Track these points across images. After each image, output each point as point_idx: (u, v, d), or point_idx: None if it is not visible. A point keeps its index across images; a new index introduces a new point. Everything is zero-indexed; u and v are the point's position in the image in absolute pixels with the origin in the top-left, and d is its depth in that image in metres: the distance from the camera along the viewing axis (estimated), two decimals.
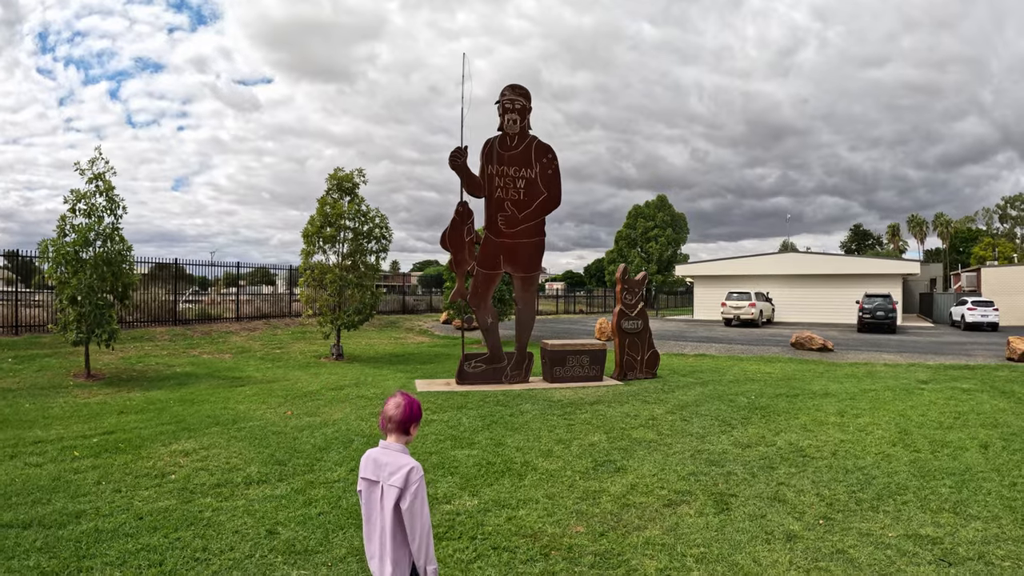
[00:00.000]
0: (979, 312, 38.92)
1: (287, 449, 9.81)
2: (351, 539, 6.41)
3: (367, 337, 29.69)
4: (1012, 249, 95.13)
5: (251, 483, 8.19)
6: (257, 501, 7.49)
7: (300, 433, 10.87)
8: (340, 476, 8.49)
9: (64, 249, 16.45)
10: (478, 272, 16.18)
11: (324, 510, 7.20)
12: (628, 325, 17.81)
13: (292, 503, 7.42)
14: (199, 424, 11.56)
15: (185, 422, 11.73)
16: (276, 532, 6.57)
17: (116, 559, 5.92)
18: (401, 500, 3.68)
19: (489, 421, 11.88)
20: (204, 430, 11.08)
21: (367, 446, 9.85)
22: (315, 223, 22.04)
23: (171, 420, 11.92)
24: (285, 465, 8.97)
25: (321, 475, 8.54)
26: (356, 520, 6.78)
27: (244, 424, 11.57)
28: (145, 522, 6.78)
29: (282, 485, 8.10)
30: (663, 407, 13.45)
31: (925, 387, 16.19)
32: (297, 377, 17.73)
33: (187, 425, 11.48)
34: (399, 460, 3.75)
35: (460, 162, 15.79)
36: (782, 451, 9.94)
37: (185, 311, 29.94)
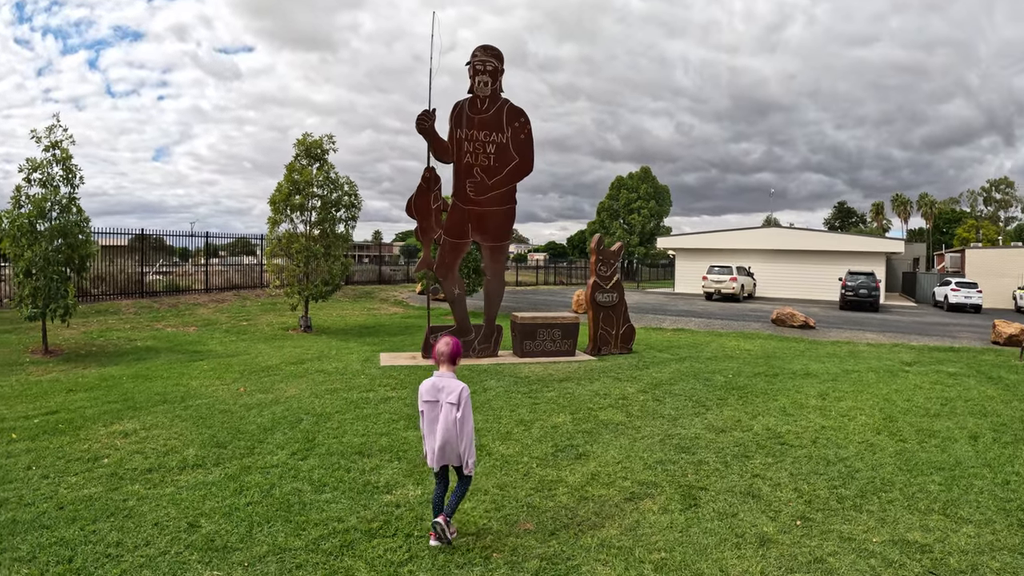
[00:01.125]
0: (963, 293, 38.58)
1: (230, 430, 9.10)
2: (275, 535, 5.77)
3: (339, 308, 28.93)
4: (996, 232, 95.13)
5: (185, 468, 7.50)
6: (186, 488, 6.83)
7: (248, 412, 10.15)
8: (279, 460, 7.78)
9: (19, 220, 15.60)
10: (445, 241, 15.42)
11: (254, 499, 6.54)
12: (603, 298, 17.10)
13: (222, 491, 6.77)
14: (146, 402, 10.82)
15: (132, 400, 10.98)
16: (198, 525, 5.95)
17: (27, 554, 5.37)
18: (456, 412, 5.53)
19: None
20: (150, 409, 10.36)
21: (316, 427, 9.20)
22: (283, 190, 21.13)
23: (119, 398, 11.15)
24: (224, 448, 8.27)
25: (260, 459, 7.83)
26: (284, 513, 6.26)
27: (192, 402, 10.83)
28: (65, 512, 6.20)
29: (216, 470, 7.41)
30: (635, 385, 12.77)
31: (910, 369, 15.67)
32: (260, 351, 16.98)
33: (134, 403, 10.73)
34: (453, 383, 5.63)
35: (427, 125, 15.01)
36: (759, 437, 9.28)
37: (153, 283, 29.07)
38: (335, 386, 12.17)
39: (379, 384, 12.34)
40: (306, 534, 5.80)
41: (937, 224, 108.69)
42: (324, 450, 8.18)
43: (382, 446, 8.40)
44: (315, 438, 8.70)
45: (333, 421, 9.59)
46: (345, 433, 8.96)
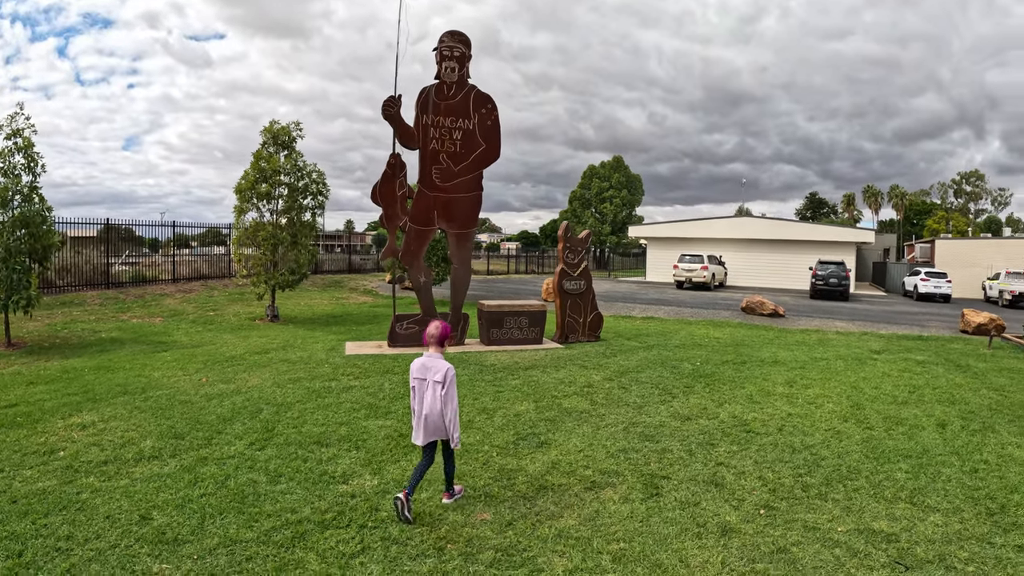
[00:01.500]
0: (932, 283, 38.87)
1: (189, 420, 8.88)
2: (227, 527, 5.60)
3: (308, 297, 28.61)
4: (965, 224, 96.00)
5: (141, 460, 7.30)
6: (140, 480, 6.64)
7: (208, 402, 9.91)
8: (236, 451, 7.58)
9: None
10: (410, 228, 15.20)
11: (208, 491, 6.36)
12: (570, 285, 16.96)
13: (176, 483, 6.58)
14: (106, 394, 10.55)
15: (93, 392, 10.71)
16: (150, 517, 5.77)
17: None
18: (441, 390, 6.05)
19: None
20: (110, 400, 10.10)
21: (275, 417, 9.00)
22: (249, 178, 20.81)
23: (79, 391, 10.85)
24: (182, 439, 8.05)
25: (216, 450, 7.63)
26: (238, 504, 6.09)
27: (153, 393, 10.57)
28: (18, 506, 6.01)
29: (172, 462, 7.21)
30: (601, 373, 12.65)
31: (878, 357, 15.67)
32: (225, 341, 16.69)
33: (94, 395, 10.47)
34: (440, 364, 6.18)
35: (393, 111, 14.77)
36: (724, 425, 9.18)
37: (120, 274, 28.59)
38: (298, 375, 11.96)
39: (342, 373, 12.14)
40: (258, 525, 5.63)
41: (908, 215, 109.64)
42: (282, 440, 8.00)
43: (341, 436, 8.22)
44: (274, 428, 8.51)
45: (293, 411, 9.39)
46: (305, 423, 8.77)
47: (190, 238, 36.88)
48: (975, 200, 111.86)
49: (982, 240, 52.60)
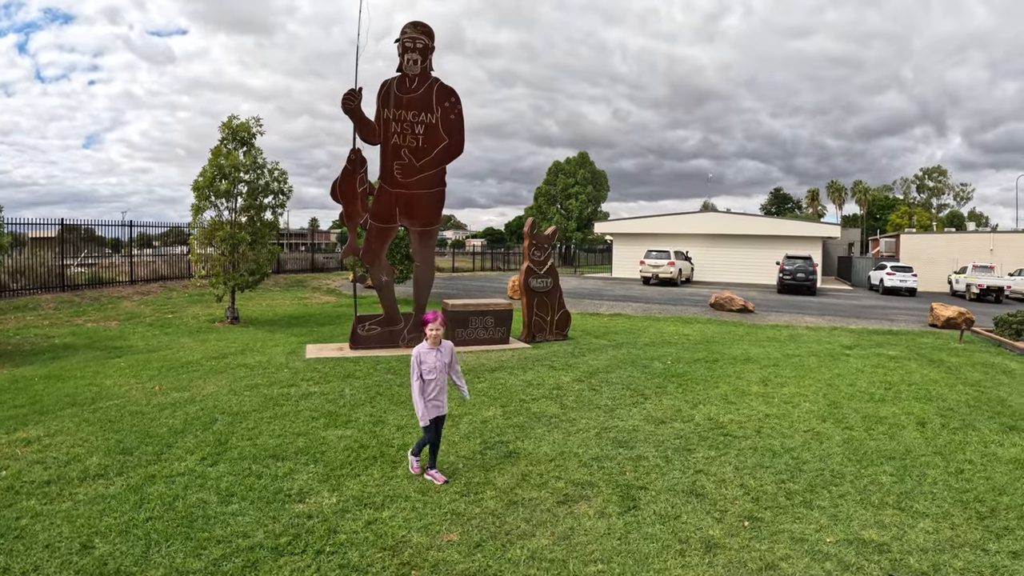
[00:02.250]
0: (898, 277, 39.09)
1: (139, 434, 8.34)
2: (174, 556, 5.16)
3: (269, 298, 28.00)
4: (928, 218, 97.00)
5: (86, 479, 6.76)
6: (84, 503, 6.12)
7: (160, 413, 9.37)
8: (187, 467, 7.08)
9: None
10: (371, 226, 14.69)
11: (154, 514, 5.86)
12: (536, 283, 16.53)
13: (121, 505, 6.07)
14: (54, 406, 9.96)
15: (40, 404, 10.10)
16: (91, 546, 5.30)
17: None
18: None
19: (374, 393, 10.48)
20: (57, 413, 9.52)
21: (230, 428, 8.50)
22: (207, 175, 20.18)
23: (26, 402, 10.25)
24: (130, 455, 7.52)
25: (166, 466, 7.12)
26: (186, 529, 5.63)
27: (103, 404, 9.99)
28: None
29: (119, 481, 6.69)
30: (570, 374, 12.25)
31: (850, 353, 15.48)
32: (182, 345, 16.11)
33: (41, 407, 9.87)
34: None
35: (353, 105, 14.27)
36: (700, 428, 8.82)
37: (76, 276, 27.80)
38: (256, 382, 11.44)
39: (302, 379, 11.63)
40: (207, 553, 5.16)
41: (871, 210, 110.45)
42: (236, 454, 7.50)
43: (298, 448, 7.73)
44: (228, 440, 8.00)
45: (249, 421, 8.89)
46: (260, 434, 8.27)
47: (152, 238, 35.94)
48: (937, 195, 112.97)
49: (946, 235, 52.88)
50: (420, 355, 6.94)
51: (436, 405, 6.94)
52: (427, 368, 6.89)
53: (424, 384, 6.89)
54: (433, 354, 6.93)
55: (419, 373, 6.88)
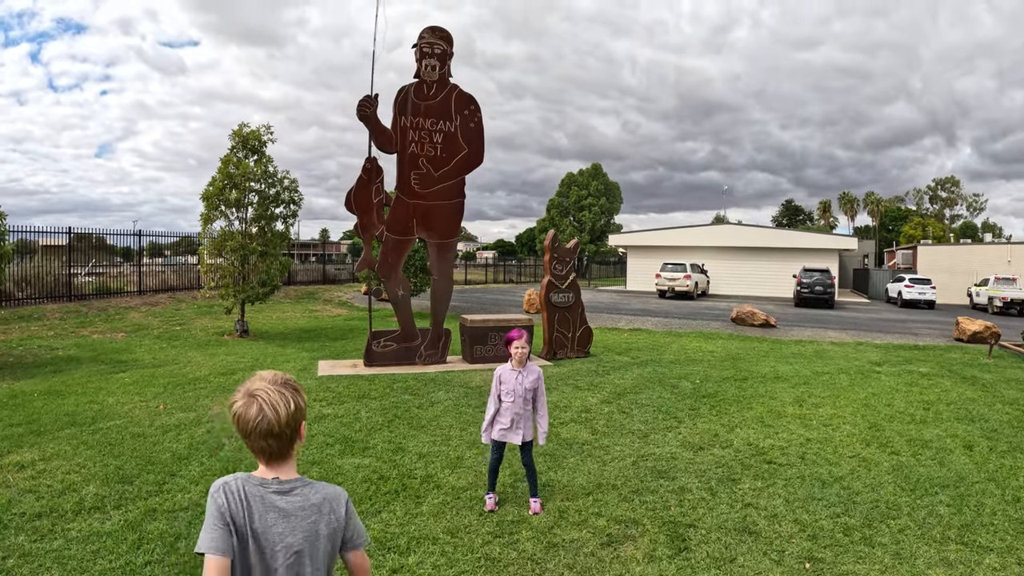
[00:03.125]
0: (916, 290, 38.78)
1: (141, 459, 7.79)
2: None
3: (280, 310, 27.50)
4: (941, 229, 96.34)
5: (80, 511, 6.20)
6: (78, 541, 5.54)
7: (164, 436, 8.83)
8: (191, 500, 6.51)
9: None
10: (387, 238, 14.16)
11: (153, 558, 5.26)
12: (558, 299, 15.95)
13: (118, 545, 5.48)
14: (53, 425, 9.41)
15: (39, 422, 9.55)
16: None
17: None
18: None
19: (392, 416, 9.91)
20: (55, 433, 8.97)
21: (238, 454, 7.92)
22: (217, 184, 19.70)
23: (24, 420, 9.70)
24: (131, 483, 6.96)
25: (169, 498, 6.55)
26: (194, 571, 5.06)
27: (104, 424, 9.45)
28: None
29: (116, 515, 6.12)
30: (597, 395, 11.67)
31: (880, 370, 14.97)
32: (190, 359, 15.59)
33: (39, 427, 9.31)
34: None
35: (369, 112, 13.77)
36: (741, 455, 8.25)
37: (84, 285, 27.37)
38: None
39: (314, 399, 11.07)
40: None
41: (883, 222, 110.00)
42: None
43: (312, 478, 7.16)
44: (236, 469, 7.41)
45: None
46: None
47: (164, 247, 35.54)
48: (950, 206, 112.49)
49: (964, 246, 52.34)
50: (501, 375, 6.44)
51: (503, 431, 6.42)
52: (505, 390, 6.36)
53: (500, 405, 6.40)
54: (514, 375, 6.35)
55: (497, 393, 6.41)
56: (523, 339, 6.30)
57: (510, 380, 6.34)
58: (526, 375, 6.35)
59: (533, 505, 6.36)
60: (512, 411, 6.31)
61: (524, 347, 6.31)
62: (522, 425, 6.36)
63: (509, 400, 6.32)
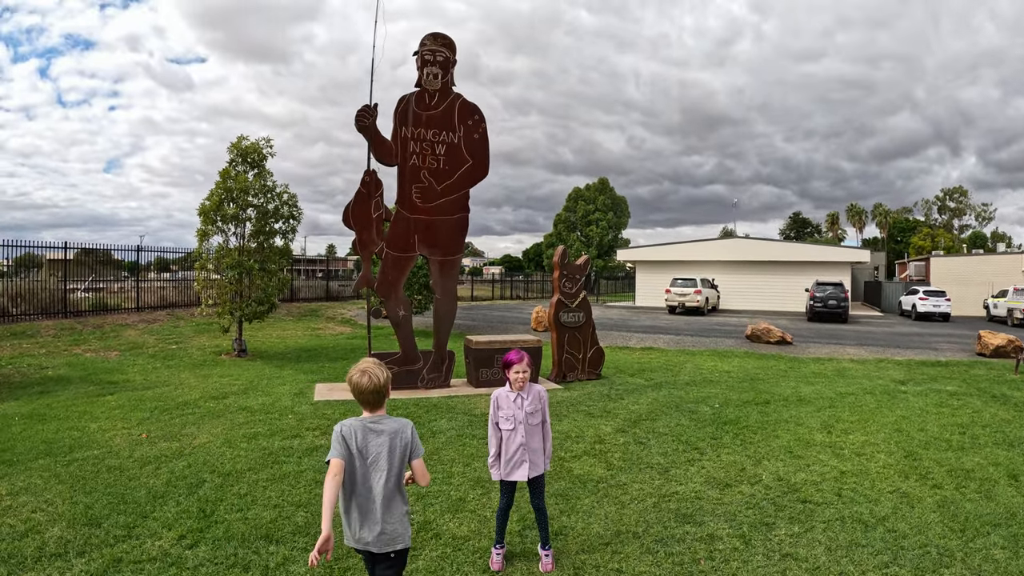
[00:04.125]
0: (931, 302, 38.20)
1: (113, 497, 7.06)
2: None
3: (280, 328, 26.78)
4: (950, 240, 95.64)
5: (41, 558, 5.51)
6: None
7: (141, 470, 8.11)
8: (161, 549, 5.78)
9: None
10: (387, 255, 13.46)
11: None
12: (568, 318, 15.12)
13: None
14: (27, 454, 8.73)
15: (12, 451, 8.87)
16: None
17: None
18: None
19: None
20: (29, 464, 8.29)
21: (218, 494, 7.17)
22: (214, 198, 19.04)
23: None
24: (98, 526, 6.24)
25: (137, 546, 5.82)
26: None
27: (80, 454, 8.76)
28: None
29: (79, 564, 5.41)
30: (611, 422, 10.89)
31: (907, 390, 14.25)
32: (181, 381, 14.90)
33: (13, 456, 8.64)
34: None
35: (368, 122, 13.11)
36: (772, 492, 7.48)
37: (81, 301, 26.73)
38: (255, 430, 10.16)
39: (307, 427, 10.31)
40: None
41: (891, 233, 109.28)
42: (222, 531, 6.18)
43: (296, 526, 6.38)
44: (214, 511, 6.69)
45: (242, 483, 7.59)
46: (254, 502, 6.97)
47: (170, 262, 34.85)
48: (959, 216, 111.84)
49: (977, 256, 51.65)
50: (498, 399, 5.71)
51: (514, 464, 5.60)
52: (503, 416, 5.61)
53: (500, 433, 5.64)
54: (512, 398, 5.61)
55: (495, 420, 5.68)
56: (524, 362, 5.54)
57: (508, 404, 5.61)
58: (527, 397, 5.61)
59: (544, 560, 5.58)
60: (515, 442, 5.56)
61: (525, 372, 5.56)
62: (527, 457, 5.60)
63: (508, 427, 5.58)
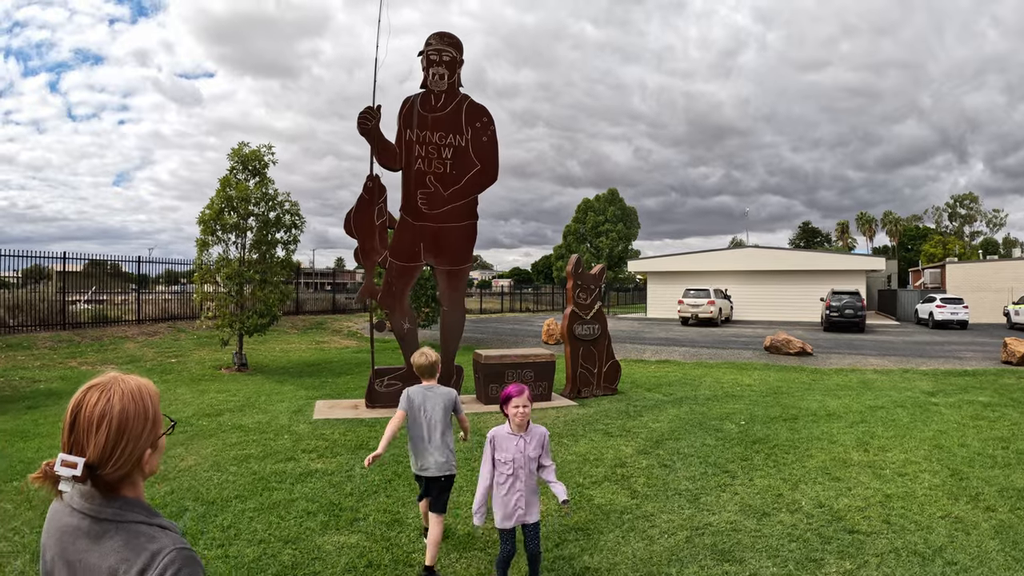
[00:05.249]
0: (949, 310, 37.55)
1: None
2: None
3: (284, 340, 26.11)
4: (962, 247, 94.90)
5: None
6: None
7: None
8: None
9: None
10: (391, 264, 12.73)
11: None
12: (583, 331, 14.32)
13: None
14: (4, 474, 8.15)
15: None
16: None
17: None
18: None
19: (391, 474, 8.36)
20: (2, 486, 7.70)
21: (200, 525, 6.42)
22: (214, 207, 18.39)
23: None
24: None
25: None
26: None
27: None
28: None
29: None
30: (632, 442, 10.10)
31: (937, 401, 13.59)
32: (177, 396, 14.23)
33: None
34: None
35: (370, 125, 12.46)
36: (815, 522, 6.72)
37: (81, 313, 26.14)
38: (248, 451, 9.42)
39: (303, 448, 9.55)
40: None
41: (902, 241, 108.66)
42: None
43: (282, 565, 5.59)
44: (194, 546, 5.96)
45: (227, 513, 6.85)
46: (238, 536, 6.21)
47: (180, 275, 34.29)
48: (970, 222, 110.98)
49: (994, 262, 50.93)
50: (495, 438, 5.04)
51: (514, 509, 4.90)
52: (502, 459, 4.94)
53: (496, 474, 4.97)
54: (514, 441, 4.95)
55: (491, 458, 5.02)
56: (524, 396, 4.93)
57: (508, 446, 4.96)
58: (529, 439, 4.98)
59: None
60: (515, 488, 4.88)
61: (526, 406, 4.93)
62: (524, 502, 4.92)
63: (507, 471, 4.91)
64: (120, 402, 1.78)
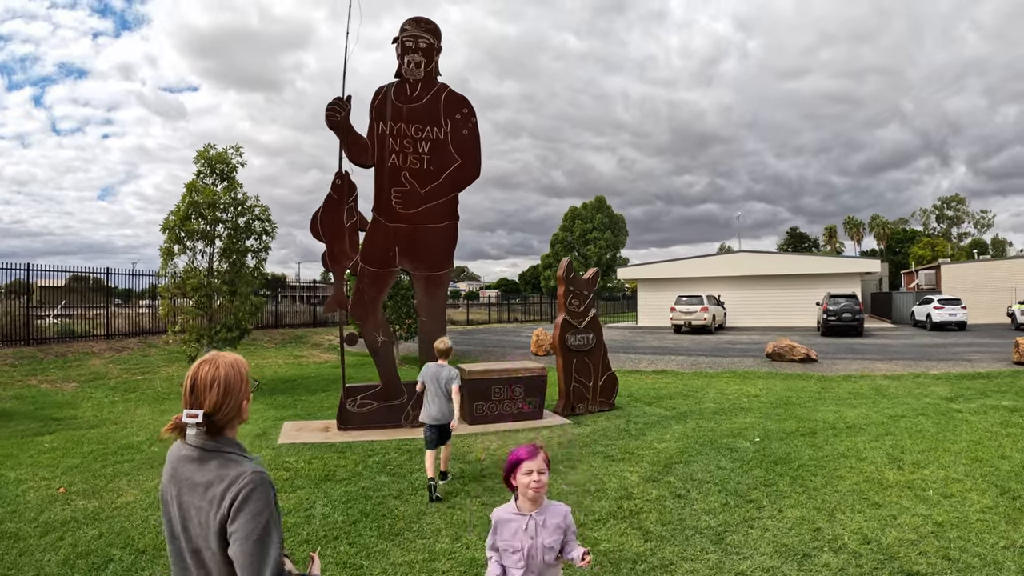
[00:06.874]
0: (947, 311, 37.26)
1: None
2: None
3: (260, 355, 24.88)
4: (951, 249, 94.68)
5: None
6: None
7: (42, 539, 6.31)
8: None
9: None
10: (363, 270, 11.59)
11: None
12: (576, 341, 13.08)
13: None
14: None
15: None
16: None
17: None
18: None
19: (358, 512, 7.10)
20: None
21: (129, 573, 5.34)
22: (180, 212, 17.17)
23: None
24: None
25: None
26: None
27: None
28: None
29: None
30: (637, 467, 8.85)
31: (959, 407, 12.78)
32: (135, 418, 13.13)
33: None
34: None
35: (339, 117, 11.41)
36: (865, 562, 5.58)
37: (47, 328, 24.89)
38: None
39: None
40: None
41: (890, 244, 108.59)
42: None
43: None
44: None
45: (157, 566, 5.63)
46: None
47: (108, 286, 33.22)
48: (957, 224, 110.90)
49: (989, 262, 50.38)
50: (499, 521, 3.50)
51: None
52: (508, 548, 3.41)
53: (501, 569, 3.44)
54: (524, 525, 3.41)
55: (495, 547, 3.50)
56: (538, 458, 3.45)
57: (518, 534, 3.42)
58: (545, 523, 3.44)
59: None
60: None
61: (542, 473, 3.45)
62: None
63: (519, 567, 3.39)
64: (224, 369, 2.49)
